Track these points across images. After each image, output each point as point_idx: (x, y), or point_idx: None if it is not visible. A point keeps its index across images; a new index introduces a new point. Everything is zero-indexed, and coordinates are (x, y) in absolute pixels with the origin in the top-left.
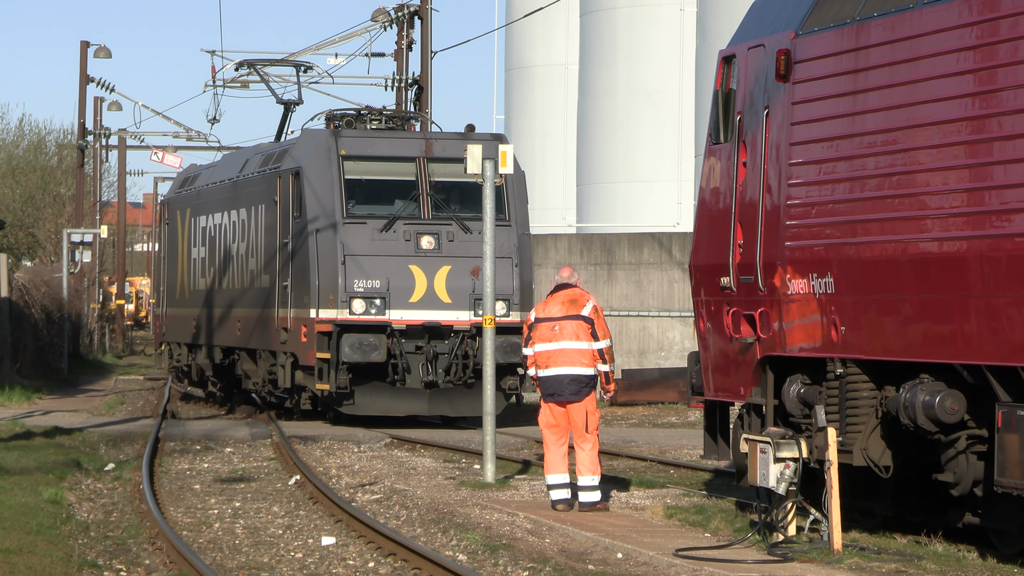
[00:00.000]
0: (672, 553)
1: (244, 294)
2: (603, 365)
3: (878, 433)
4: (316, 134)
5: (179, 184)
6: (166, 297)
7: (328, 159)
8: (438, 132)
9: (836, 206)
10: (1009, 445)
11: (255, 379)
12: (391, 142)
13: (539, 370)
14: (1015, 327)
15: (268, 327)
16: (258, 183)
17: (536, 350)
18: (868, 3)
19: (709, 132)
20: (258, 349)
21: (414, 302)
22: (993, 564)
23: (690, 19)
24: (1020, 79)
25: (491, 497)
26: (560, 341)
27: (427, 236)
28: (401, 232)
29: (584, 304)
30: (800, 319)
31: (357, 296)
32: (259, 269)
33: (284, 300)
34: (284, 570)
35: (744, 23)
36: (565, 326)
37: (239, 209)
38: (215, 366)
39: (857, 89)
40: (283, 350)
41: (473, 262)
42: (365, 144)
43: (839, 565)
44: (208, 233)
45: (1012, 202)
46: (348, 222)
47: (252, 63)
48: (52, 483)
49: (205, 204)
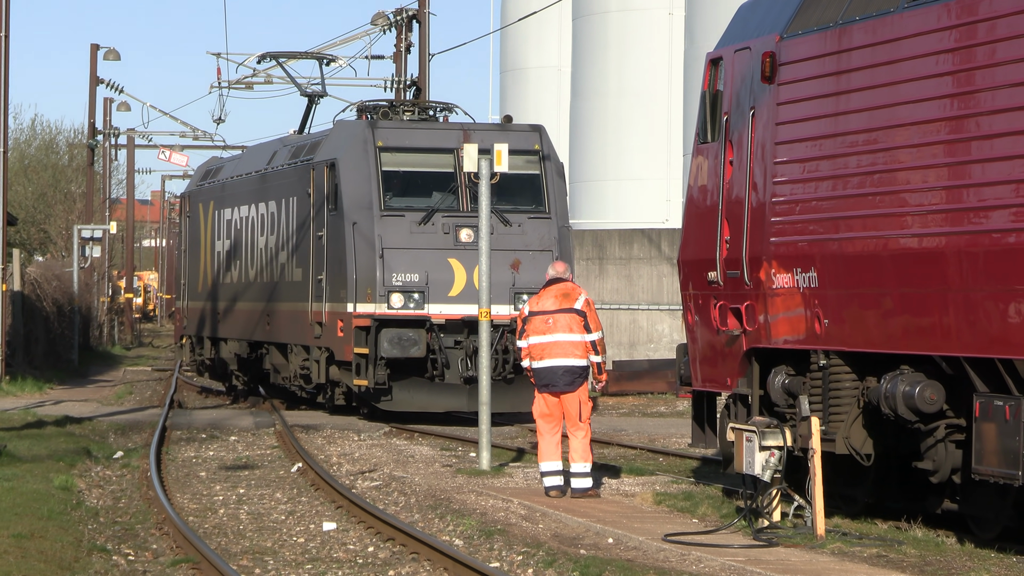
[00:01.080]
0: (661, 538)
1: (274, 288)
2: (595, 356)
3: (860, 422)
4: (352, 125)
5: (200, 177)
6: (188, 290)
7: (365, 150)
8: (475, 123)
9: (820, 203)
10: (986, 434)
11: (284, 373)
12: (428, 133)
13: (533, 361)
14: (992, 320)
15: (301, 321)
16: (289, 175)
17: (531, 342)
18: (850, 7)
19: (697, 132)
20: (289, 343)
21: (453, 296)
22: (971, 549)
23: (678, 23)
24: (997, 80)
25: (486, 484)
26: (554, 333)
27: (466, 229)
28: (440, 225)
29: (577, 298)
30: (785, 312)
31: (395, 290)
32: (290, 262)
33: (319, 294)
34: (287, 554)
35: (731, 26)
36: (559, 319)
37: (268, 202)
38: (240, 360)
39: (840, 90)
40: (317, 344)
41: (513, 255)
42: (402, 135)
43: (822, 550)
44: (233, 226)
45: (989, 199)
46: (386, 215)
47: (275, 55)
48: (63, 470)
49: (230, 197)
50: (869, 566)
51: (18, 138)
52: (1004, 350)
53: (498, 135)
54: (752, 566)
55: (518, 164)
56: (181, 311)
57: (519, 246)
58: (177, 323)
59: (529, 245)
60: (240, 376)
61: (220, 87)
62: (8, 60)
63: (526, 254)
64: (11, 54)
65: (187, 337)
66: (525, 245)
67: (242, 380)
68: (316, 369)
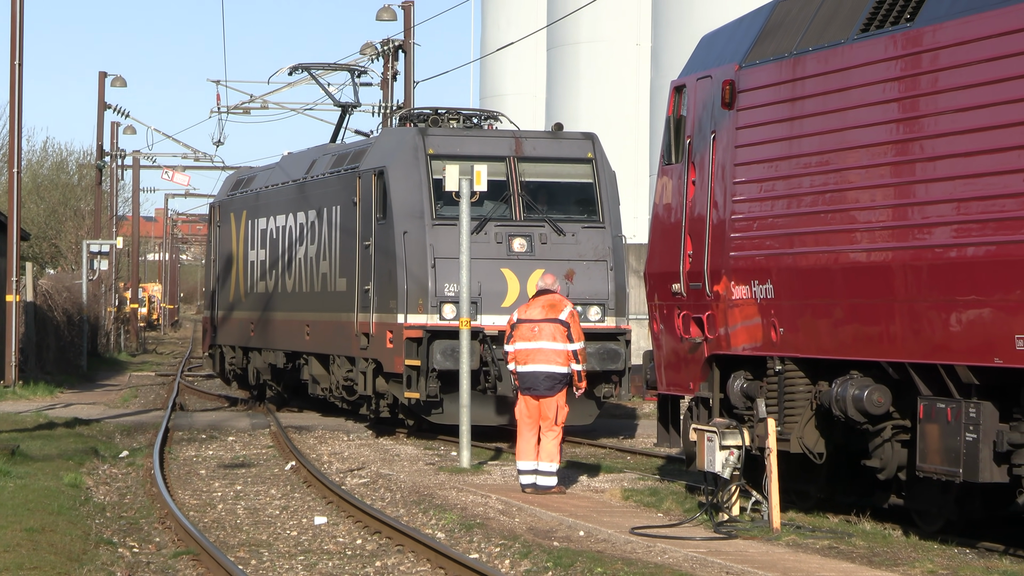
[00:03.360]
0: (628, 531)
1: (314, 298)
2: (576, 365)
3: (813, 423)
4: (402, 132)
5: (231, 187)
6: (218, 300)
7: (415, 158)
8: (527, 130)
9: (775, 220)
10: (929, 434)
11: (324, 384)
12: (480, 141)
13: (518, 366)
14: (935, 329)
15: (345, 332)
16: (332, 184)
17: (516, 347)
18: (804, 38)
19: (662, 154)
20: (332, 354)
21: (506, 307)
22: (915, 541)
23: (645, 53)
24: (940, 107)
25: (466, 481)
26: (538, 341)
27: (519, 238)
28: (492, 234)
29: (562, 309)
30: (743, 321)
31: (448, 301)
32: (334, 272)
33: (365, 304)
34: (281, 547)
35: (693, 56)
36: (544, 328)
37: (307, 211)
38: (274, 370)
39: (794, 115)
40: (363, 356)
41: (567, 265)
42: (453, 143)
43: (778, 541)
44: (269, 235)
45: (932, 217)
46: (438, 224)
47: (307, 67)
48: (72, 468)
49: (265, 206)
50: (821, 557)
51: (31, 159)
52: (946, 356)
53: (551, 143)
54: (713, 557)
55: (571, 172)
56: (210, 320)
57: (572, 256)
58: (206, 333)
59: (583, 255)
60: (273, 386)
61: (219, 112)
62: (22, 86)
63: (580, 264)
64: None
65: (216, 346)
66: (579, 255)
67: (275, 391)
68: (362, 381)
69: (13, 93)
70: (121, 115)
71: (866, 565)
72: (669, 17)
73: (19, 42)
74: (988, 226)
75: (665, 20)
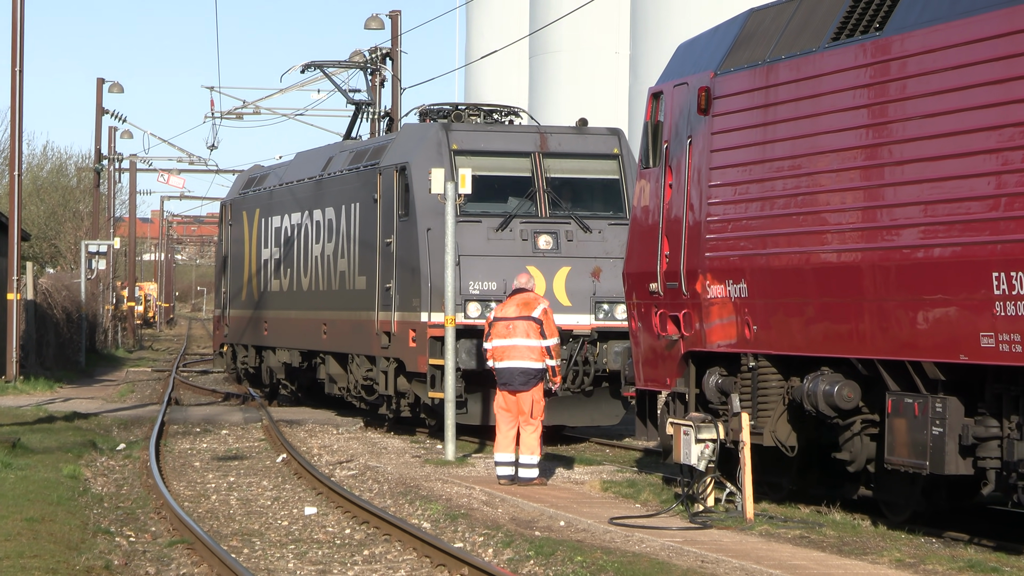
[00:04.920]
0: (607, 521)
1: (332, 296)
2: (550, 360)
3: (785, 418)
4: (424, 128)
5: (243, 185)
6: (230, 298)
7: (439, 153)
8: (552, 126)
9: (749, 222)
10: (897, 428)
11: (342, 384)
12: (504, 136)
13: (496, 362)
14: (902, 326)
15: (365, 331)
16: (351, 180)
17: (493, 344)
18: (777, 46)
19: (640, 158)
20: (351, 353)
21: None
22: (884, 531)
23: (624, 61)
24: (908, 112)
25: (451, 473)
26: (513, 338)
27: (545, 235)
28: (518, 231)
29: (535, 307)
30: (718, 319)
31: (473, 299)
32: (352, 270)
33: (387, 303)
34: (272, 536)
35: (670, 64)
36: (518, 325)
37: (324, 208)
38: (289, 369)
39: (767, 121)
40: (384, 355)
41: (593, 263)
42: (477, 138)
43: (751, 531)
44: (283, 233)
45: (900, 219)
46: (462, 220)
47: (320, 64)
48: (71, 461)
49: (279, 204)
50: (793, 546)
51: (31, 162)
52: (913, 353)
53: (576, 139)
54: (688, 546)
55: (597, 168)
56: (222, 319)
57: (599, 253)
58: (217, 331)
59: (610, 252)
60: (287, 385)
61: (213, 117)
62: (23, 92)
63: (607, 261)
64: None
65: (228, 345)
66: (606, 252)
67: (289, 390)
68: (383, 380)
69: (14, 99)
70: (118, 120)
71: (836, 554)
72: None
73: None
74: (954, 228)
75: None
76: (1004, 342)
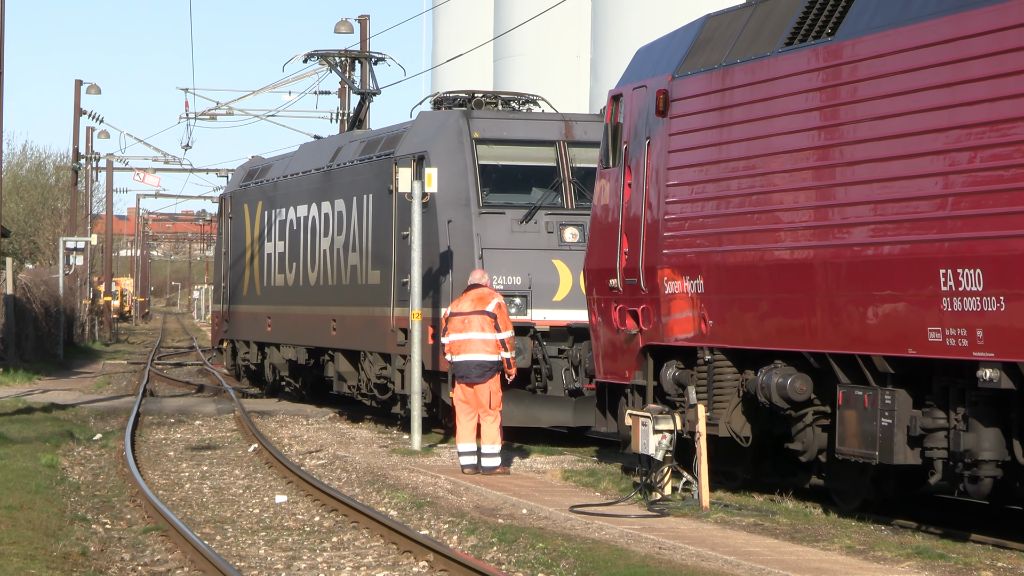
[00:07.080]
0: (568, 509)
1: (342, 291)
2: (505, 352)
3: (740, 409)
4: (443, 115)
5: (244, 177)
6: (231, 293)
7: (460, 142)
8: (577, 114)
9: (706, 220)
10: (848, 419)
11: (352, 382)
12: (527, 124)
13: (453, 356)
14: (852, 321)
15: (378, 327)
16: (363, 171)
17: (450, 339)
18: (733, 51)
19: (600, 158)
20: (363, 351)
21: (558, 301)
22: (835, 519)
23: (585, 64)
24: (858, 115)
25: (417, 463)
26: (468, 332)
27: (571, 228)
28: (543, 223)
29: (490, 302)
30: (676, 314)
31: None
32: (365, 264)
33: (403, 298)
34: (244, 523)
35: (630, 67)
36: (472, 319)
37: (334, 200)
38: (293, 366)
39: (723, 123)
40: (400, 353)
41: None
42: (499, 126)
43: (707, 519)
44: (289, 227)
45: (851, 218)
46: (484, 212)
47: (323, 54)
48: (49, 450)
49: (284, 196)
50: (747, 533)
51: (11, 161)
52: (863, 347)
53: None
54: (646, 533)
55: None
56: (221, 314)
57: None
58: (217, 326)
59: None
60: (291, 383)
61: (188, 118)
62: (2, 94)
63: None
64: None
65: (228, 341)
66: None
67: (293, 388)
68: (399, 378)
69: None
70: (96, 120)
71: (789, 541)
72: (607, 30)
73: None
74: (903, 226)
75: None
76: (951, 336)
